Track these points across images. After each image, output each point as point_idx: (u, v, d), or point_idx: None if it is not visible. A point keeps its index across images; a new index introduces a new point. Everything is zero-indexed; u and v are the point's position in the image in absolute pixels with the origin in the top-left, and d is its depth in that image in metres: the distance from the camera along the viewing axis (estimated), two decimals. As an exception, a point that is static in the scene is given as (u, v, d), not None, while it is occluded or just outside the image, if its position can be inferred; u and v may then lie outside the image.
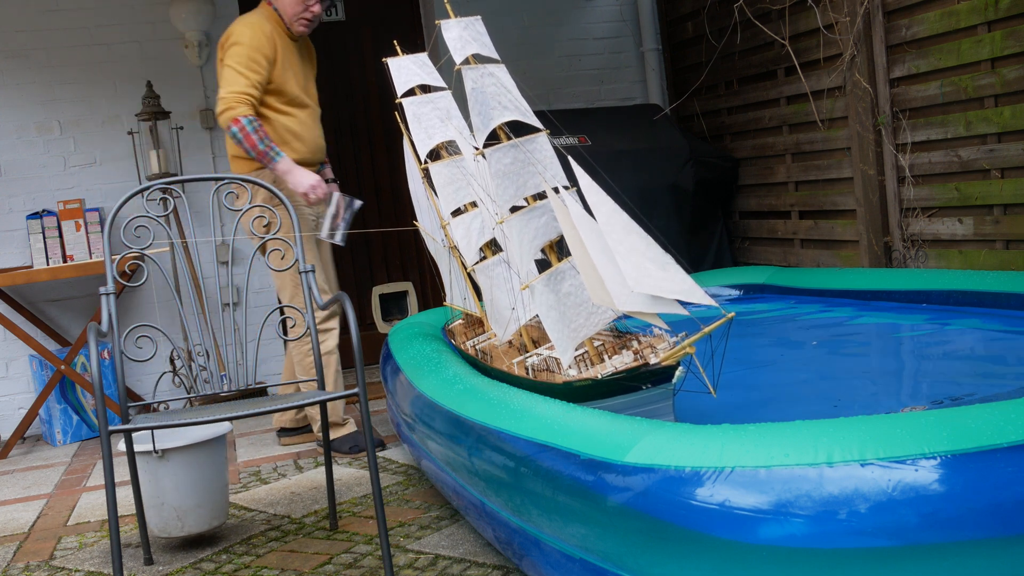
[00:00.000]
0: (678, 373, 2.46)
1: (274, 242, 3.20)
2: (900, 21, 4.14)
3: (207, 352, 3.14)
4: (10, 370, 4.97)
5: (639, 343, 2.68)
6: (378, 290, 5.67)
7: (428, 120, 3.26)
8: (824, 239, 4.84)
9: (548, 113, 3.41)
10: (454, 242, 3.32)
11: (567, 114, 5.35)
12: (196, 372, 3.10)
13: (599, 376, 2.50)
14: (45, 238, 4.73)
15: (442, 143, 3.29)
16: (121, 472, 3.19)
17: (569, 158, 2.67)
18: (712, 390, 2.36)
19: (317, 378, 2.99)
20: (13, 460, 4.55)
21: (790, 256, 5.12)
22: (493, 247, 3.21)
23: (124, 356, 2.80)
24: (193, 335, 4.12)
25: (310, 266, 2.97)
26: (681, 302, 2.42)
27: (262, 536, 3.04)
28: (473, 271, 3.27)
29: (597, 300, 2.51)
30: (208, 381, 2.97)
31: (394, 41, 3.59)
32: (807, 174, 4.91)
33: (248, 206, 3.15)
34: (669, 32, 6.01)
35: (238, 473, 3.82)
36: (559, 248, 2.74)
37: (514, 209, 2.74)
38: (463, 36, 2.82)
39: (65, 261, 4.74)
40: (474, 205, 3.23)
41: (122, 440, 2.83)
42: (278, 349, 5.28)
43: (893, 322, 3.67)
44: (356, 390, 2.55)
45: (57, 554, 3.09)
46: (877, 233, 4.37)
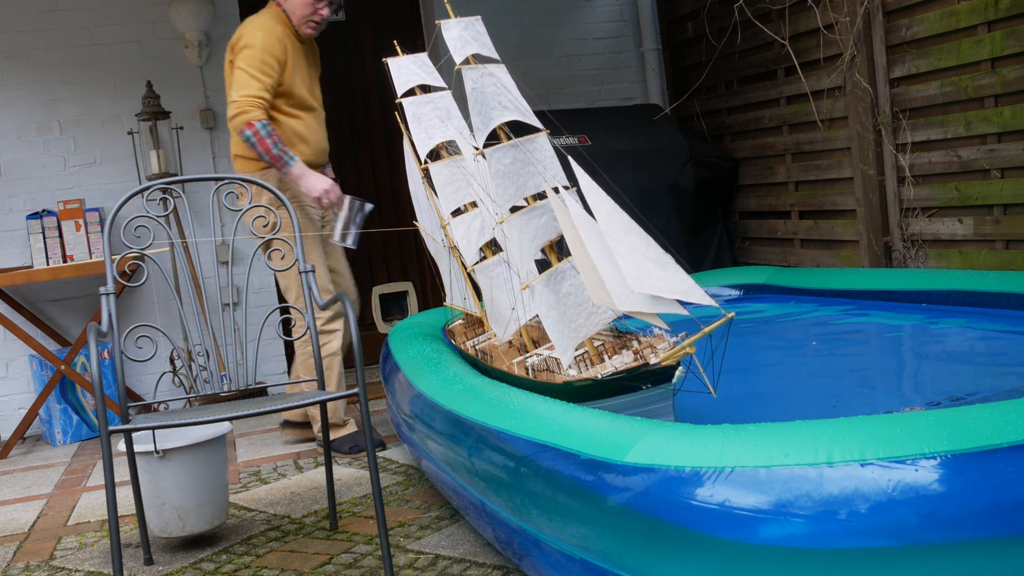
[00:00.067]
0: (678, 373, 2.46)
1: (280, 243, 3.20)
2: (900, 21, 4.14)
3: (207, 352, 3.14)
4: (10, 370, 4.97)
5: (639, 343, 2.68)
6: (378, 290, 5.67)
7: (428, 120, 3.26)
8: (824, 239, 4.84)
9: (548, 113, 3.41)
10: (454, 242, 3.32)
11: (567, 114, 5.35)
12: (196, 372, 3.10)
13: (599, 376, 2.50)
14: (45, 238, 4.73)
15: (442, 143, 3.29)
16: (121, 472, 3.20)
17: (569, 158, 2.67)
18: (712, 390, 2.36)
19: (317, 378, 2.99)
20: (13, 460, 4.55)
21: (790, 256, 5.12)
22: (493, 247, 3.21)
23: (124, 356, 2.80)
24: (193, 335, 4.13)
25: (310, 266, 2.98)
26: (681, 302, 2.42)
27: (262, 536, 3.04)
28: (473, 271, 3.27)
29: (597, 300, 2.51)
30: (208, 381, 2.98)
31: (394, 41, 3.59)
32: (807, 174, 4.91)
33: (248, 206, 3.15)
34: (669, 32, 6.01)
35: (238, 473, 3.82)
36: (559, 248, 2.74)
37: (514, 209, 2.74)
38: (463, 36, 2.82)
39: (65, 261, 4.74)
40: (474, 205, 3.23)
41: (122, 440, 2.83)
42: (278, 349, 5.29)
43: (893, 322, 3.67)
44: (356, 390, 2.55)
45: (57, 554, 3.09)
46: (877, 233, 4.37)
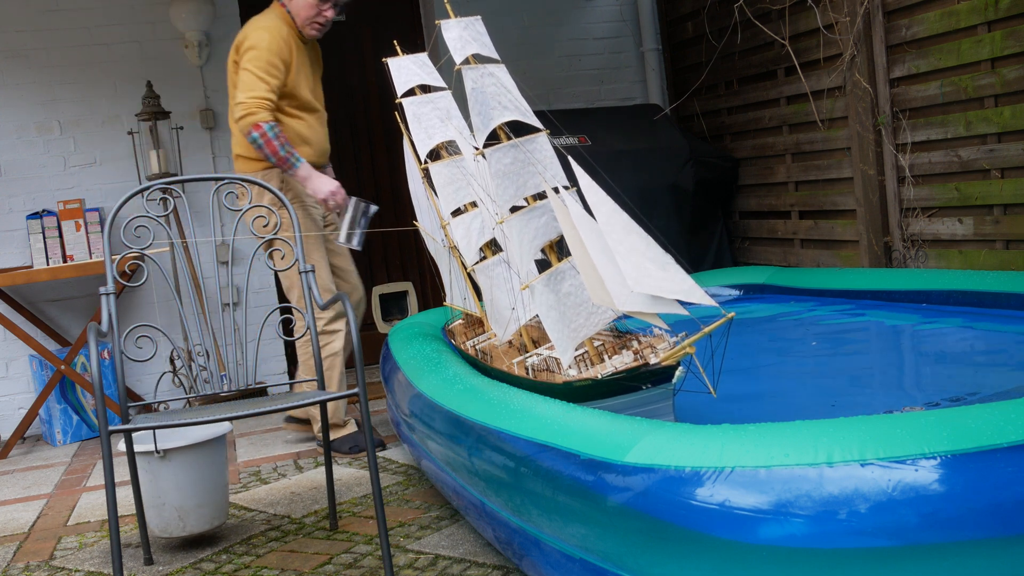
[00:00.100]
0: (678, 373, 2.46)
1: (281, 243, 3.20)
2: (900, 21, 4.14)
3: (207, 352, 3.15)
4: (10, 370, 4.97)
5: (639, 343, 2.68)
6: (378, 290, 5.67)
7: (428, 120, 3.26)
8: (824, 239, 4.84)
9: (548, 113, 3.41)
10: (454, 242, 3.32)
11: (567, 114, 5.35)
12: (196, 372, 3.10)
13: (599, 376, 2.50)
14: (45, 238, 4.73)
15: (442, 143, 3.29)
16: (121, 472, 3.19)
17: (569, 158, 2.67)
18: (712, 390, 2.36)
19: (317, 378, 2.99)
20: (13, 460, 4.55)
21: (790, 256, 5.12)
22: (493, 247, 3.21)
23: (124, 356, 2.80)
24: (193, 335, 4.14)
25: (310, 266, 2.98)
26: (681, 302, 2.42)
27: (262, 536, 3.04)
28: (473, 271, 3.27)
29: (597, 300, 2.51)
30: (208, 381, 2.98)
31: (394, 41, 3.59)
32: (807, 174, 4.91)
33: (248, 205, 3.15)
34: (669, 32, 6.01)
35: (238, 473, 3.82)
36: (559, 248, 2.74)
37: (514, 209, 2.75)
38: (463, 36, 2.82)
39: (65, 261, 4.74)
40: (474, 205, 3.23)
41: (122, 440, 2.83)
42: (278, 349, 5.29)
43: (893, 322, 3.67)
44: (356, 390, 2.55)
45: (57, 554, 3.09)
46: (877, 233, 4.37)
